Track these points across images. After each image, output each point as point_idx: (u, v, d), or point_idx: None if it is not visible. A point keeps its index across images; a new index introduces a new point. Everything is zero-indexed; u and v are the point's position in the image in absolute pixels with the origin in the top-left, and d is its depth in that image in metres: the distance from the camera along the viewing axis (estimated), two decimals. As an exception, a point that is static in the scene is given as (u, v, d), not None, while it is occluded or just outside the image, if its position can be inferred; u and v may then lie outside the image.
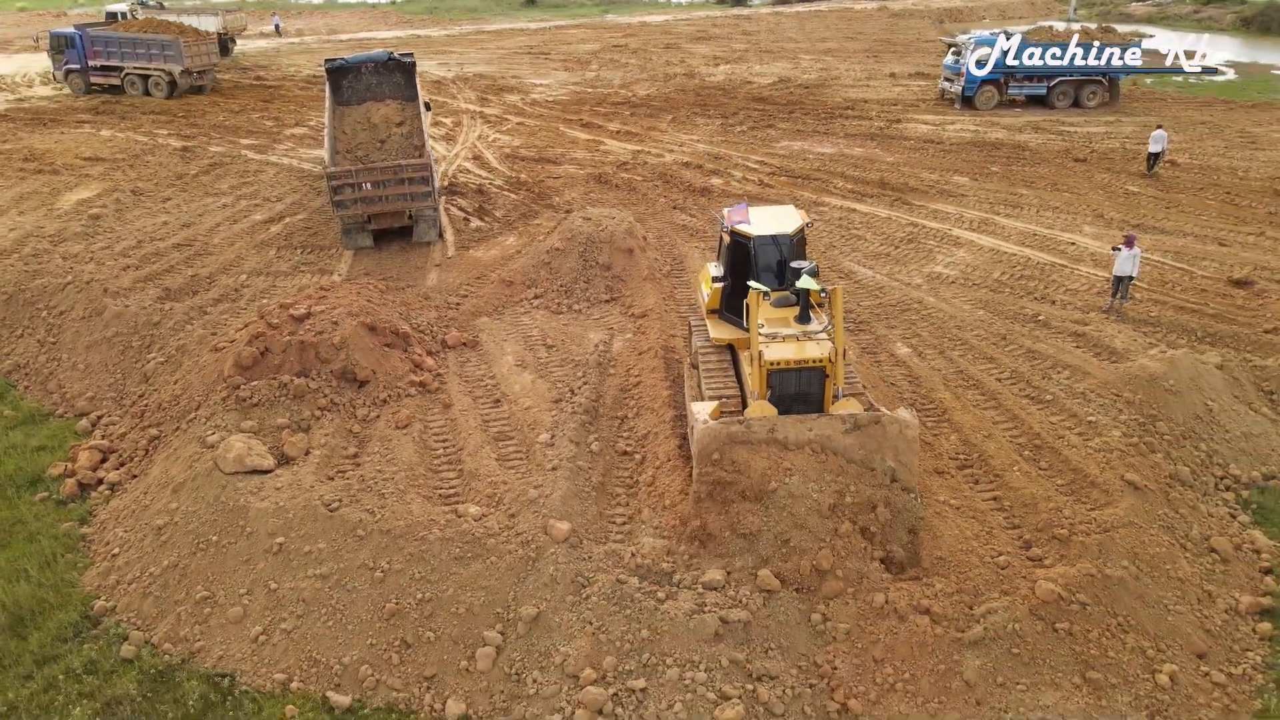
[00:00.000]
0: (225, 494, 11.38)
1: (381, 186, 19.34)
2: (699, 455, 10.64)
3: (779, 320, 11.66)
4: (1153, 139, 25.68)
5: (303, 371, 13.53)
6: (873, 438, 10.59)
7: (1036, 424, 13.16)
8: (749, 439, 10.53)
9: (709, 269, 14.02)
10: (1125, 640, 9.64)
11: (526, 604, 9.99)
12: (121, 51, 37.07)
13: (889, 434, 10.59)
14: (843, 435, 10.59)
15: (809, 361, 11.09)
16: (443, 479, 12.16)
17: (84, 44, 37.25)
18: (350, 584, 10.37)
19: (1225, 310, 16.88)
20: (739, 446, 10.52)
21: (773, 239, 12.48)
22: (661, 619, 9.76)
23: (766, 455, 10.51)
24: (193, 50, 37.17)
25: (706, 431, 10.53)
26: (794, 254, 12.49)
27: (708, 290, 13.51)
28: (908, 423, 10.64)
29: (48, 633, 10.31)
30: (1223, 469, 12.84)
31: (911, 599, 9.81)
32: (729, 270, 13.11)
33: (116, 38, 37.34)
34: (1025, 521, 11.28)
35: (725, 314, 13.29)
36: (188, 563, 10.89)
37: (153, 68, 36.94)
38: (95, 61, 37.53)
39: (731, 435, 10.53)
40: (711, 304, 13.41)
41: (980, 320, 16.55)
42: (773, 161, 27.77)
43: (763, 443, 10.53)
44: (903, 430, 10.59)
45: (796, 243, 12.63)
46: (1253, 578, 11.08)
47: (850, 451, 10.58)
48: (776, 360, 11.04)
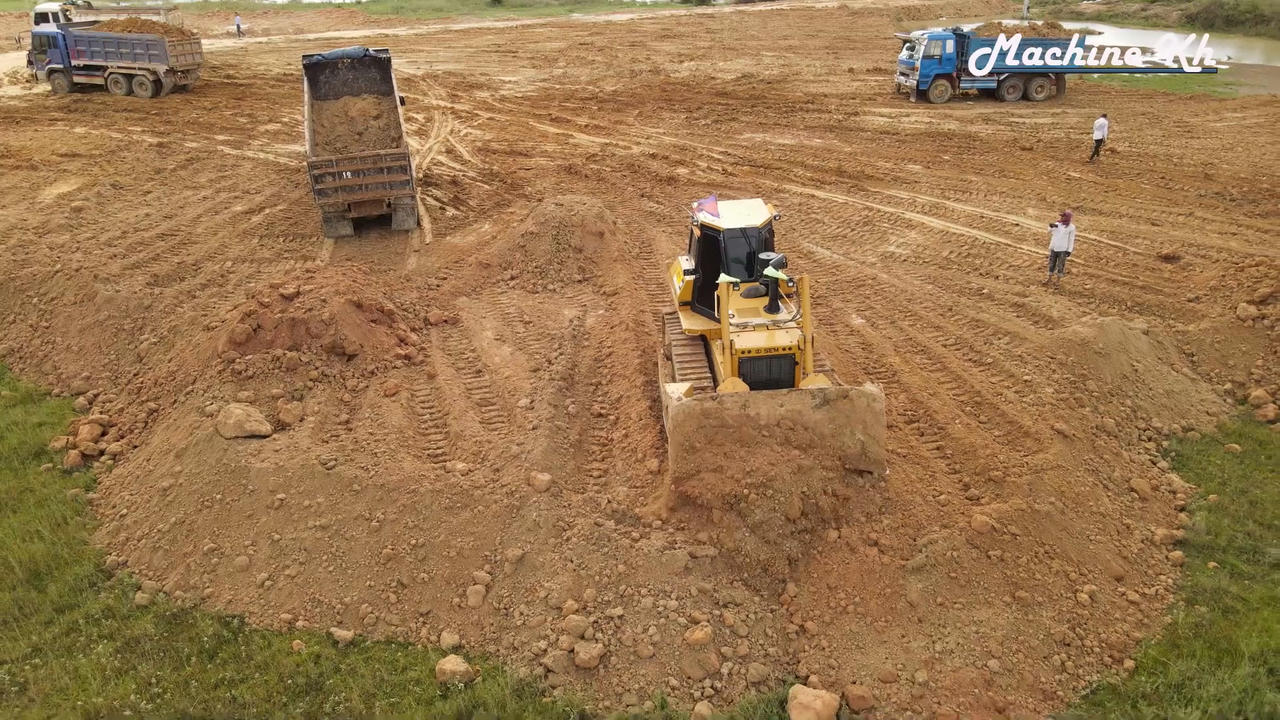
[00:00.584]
0: (227, 456, 12.17)
1: (361, 175, 20.14)
2: (674, 430, 10.92)
3: (749, 310, 12.10)
4: (1096, 126, 27.20)
5: (294, 346, 14.33)
6: (841, 412, 10.90)
7: (978, 383, 14.32)
8: (722, 415, 10.81)
9: (680, 262, 14.34)
10: (1051, 565, 10.77)
11: (512, 546, 10.92)
12: (105, 51, 37.11)
13: (857, 408, 10.92)
14: (812, 410, 10.89)
15: (779, 349, 11.57)
16: (430, 440, 13.04)
17: (67, 44, 37.23)
18: (348, 533, 11.23)
19: (1153, 283, 18.22)
20: (716, 431, 10.81)
21: (742, 232, 12.79)
22: (636, 555, 10.73)
23: (737, 458, 10.81)
24: (177, 49, 37.26)
25: (681, 408, 10.82)
26: (763, 246, 12.86)
27: (679, 283, 13.81)
28: (875, 396, 10.97)
29: (64, 584, 11.06)
30: (1146, 422, 14.08)
31: (862, 533, 10.88)
32: (700, 263, 13.38)
33: (100, 37, 37.29)
34: (965, 467, 12.41)
35: (697, 306, 13.53)
36: (194, 519, 11.67)
37: (137, 67, 37.05)
38: (78, 61, 37.53)
39: (705, 411, 10.79)
40: (684, 296, 13.67)
41: (929, 294, 17.74)
42: (736, 152, 28.90)
43: (735, 419, 10.82)
44: (870, 404, 10.92)
45: (765, 235, 12.99)
46: (1168, 514, 12.30)
47: (820, 426, 10.87)
48: (748, 348, 11.50)
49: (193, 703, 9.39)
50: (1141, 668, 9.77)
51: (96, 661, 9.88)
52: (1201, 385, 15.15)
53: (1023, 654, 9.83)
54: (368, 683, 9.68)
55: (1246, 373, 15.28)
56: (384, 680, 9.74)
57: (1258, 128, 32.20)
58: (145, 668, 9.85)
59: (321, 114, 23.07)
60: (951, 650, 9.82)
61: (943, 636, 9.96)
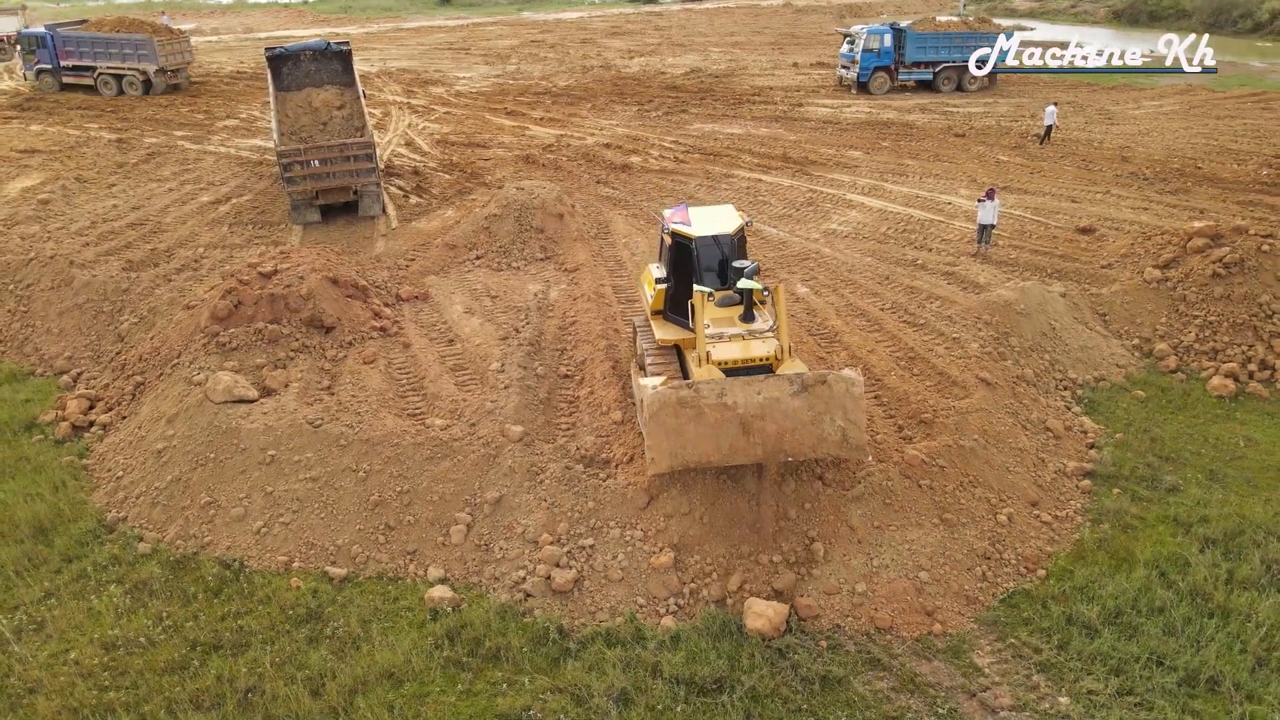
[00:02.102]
0: (218, 419, 13.00)
1: (329, 164, 20.91)
2: (649, 419, 10.70)
3: (724, 320, 11.96)
4: (1046, 113, 28.95)
5: (274, 320, 15.13)
6: (820, 398, 10.67)
7: (911, 341, 15.67)
8: (698, 403, 10.54)
9: (651, 270, 14.04)
10: (974, 492, 12.10)
11: (490, 490, 11.95)
12: (94, 51, 36.93)
13: (836, 393, 10.69)
14: (790, 397, 10.63)
15: (756, 359, 11.47)
16: (409, 401, 13.99)
17: (55, 44, 36.98)
18: (338, 483, 12.15)
19: (1071, 252, 19.81)
20: (692, 419, 10.62)
21: (714, 239, 12.61)
22: (604, 493, 11.83)
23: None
24: (167, 49, 37.16)
25: (656, 396, 10.55)
26: (735, 253, 12.72)
27: (651, 292, 13.49)
28: (854, 380, 10.76)
29: (69, 538, 11.81)
30: (1062, 373, 15.55)
31: (809, 469, 12.09)
32: (671, 271, 13.16)
33: (88, 38, 37.08)
34: (899, 412, 13.71)
35: (670, 315, 13.28)
36: (189, 477, 12.49)
37: (126, 67, 36.92)
38: (67, 61, 37.30)
39: (681, 399, 10.54)
40: (656, 305, 13.37)
41: (868, 266, 19.11)
42: (686, 141, 30.13)
43: (712, 407, 10.55)
44: (849, 388, 10.71)
45: (737, 242, 12.82)
46: (1080, 450, 13.73)
47: (799, 413, 10.62)
48: (724, 360, 11.36)
49: (203, 632, 10.27)
50: (1051, 575, 11.13)
51: (109, 601, 10.70)
52: (1112, 341, 16.67)
53: (949, 567, 11.13)
54: (364, 610, 10.64)
55: (1152, 329, 16.84)
56: (378, 609, 10.71)
57: (1172, 114, 34.37)
58: (155, 605, 10.69)
59: (285, 105, 23.75)
60: (887, 565, 11.08)
61: (879, 554, 11.21)
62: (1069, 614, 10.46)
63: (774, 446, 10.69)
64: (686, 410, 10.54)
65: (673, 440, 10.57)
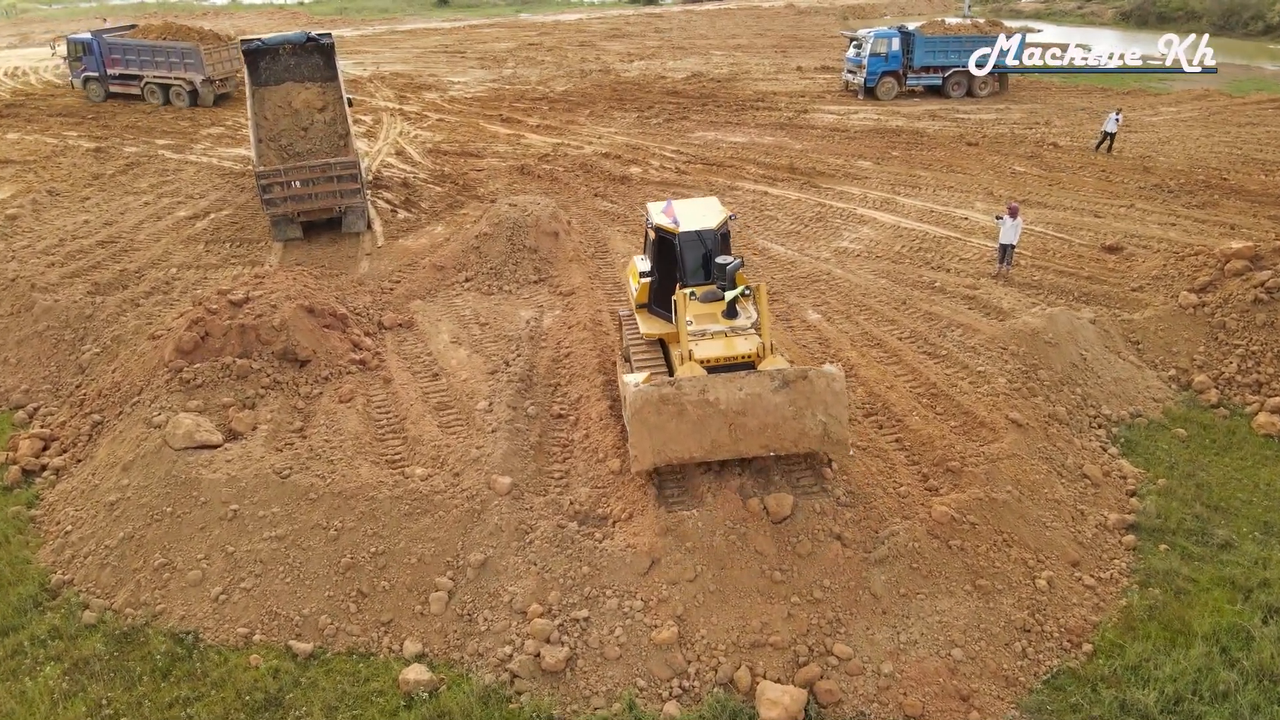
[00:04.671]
0: (177, 468, 11.83)
1: (311, 184, 19.71)
2: (632, 416, 10.77)
3: (707, 316, 12.03)
4: (1108, 120, 27.69)
5: (244, 353, 13.99)
6: (802, 394, 10.71)
7: (933, 375, 14.50)
8: (680, 399, 10.58)
9: (636, 263, 14.12)
10: (1009, 553, 10.94)
11: (474, 551, 10.78)
12: (140, 60, 35.60)
13: (817, 389, 10.74)
14: (772, 393, 10.67)
15: (739, 357, 11.49)
16: (388, 446, 12.83)
17: (101, 51, 35.61)
18: (305, 543, 10.98)
19: (1098, 273, 18.64)
20: (675, 415, 10.66)
21: (697, 235, 12.63)
22: (600, 556, 10.66)
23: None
24: (214, 58, 35.90)
25: (639, 394, 10.62)
26: (719, 248, 12.71)
27: (636, 285, 13.61)
28: (835, 376, 10.85)
29: (7, 605, 10.65)
30: (1095, 409, 14.38)
31: (825, 527, 10.93)
32: (656, 265, 13.25)
33: (134, 45, 35.72)
34: (923, 458, 12.55)
35: (654, 308, 13.35)
36: (143, 534, 11.32)
37: (173, 76, 35.64)
38: (114, 70, 35.99)
39: (664, 396, 10.60)
40: (640, 298, 13.48)
41: (883, 288, 17.93)
42: (688, 151, 28.96)
43: (694, 404, 10.59)
44: (830, 384, 10.77)
45: (721, 236, 12.80)
46: (1120, 499, 12.57)
47: (780, 410, 10.66)
48: (707, 358, 11.39)
49: (146, 724, 9.11)
50: (1099, 651, 9.97)
51: (44, 684, 9.54)
52: (1147, 372, 15.52)
53: (985, 641, 9.96)
54: (329, 696, 9.48)
55: (1189, 359, 15.69)
56: (346, 693, 9.55)
57: (1192, 121, 33.19)
58: (96, 689, 9.53)
59: (264, 103, 22.32)
60: (915, 640, 9.92)
61: (907, 627, 10.06)
62: (1122, 700, 9.30)
63: (756, 442, 10.79)
64: (669, 407, 10.64)
65: (656, 437, 10.67)
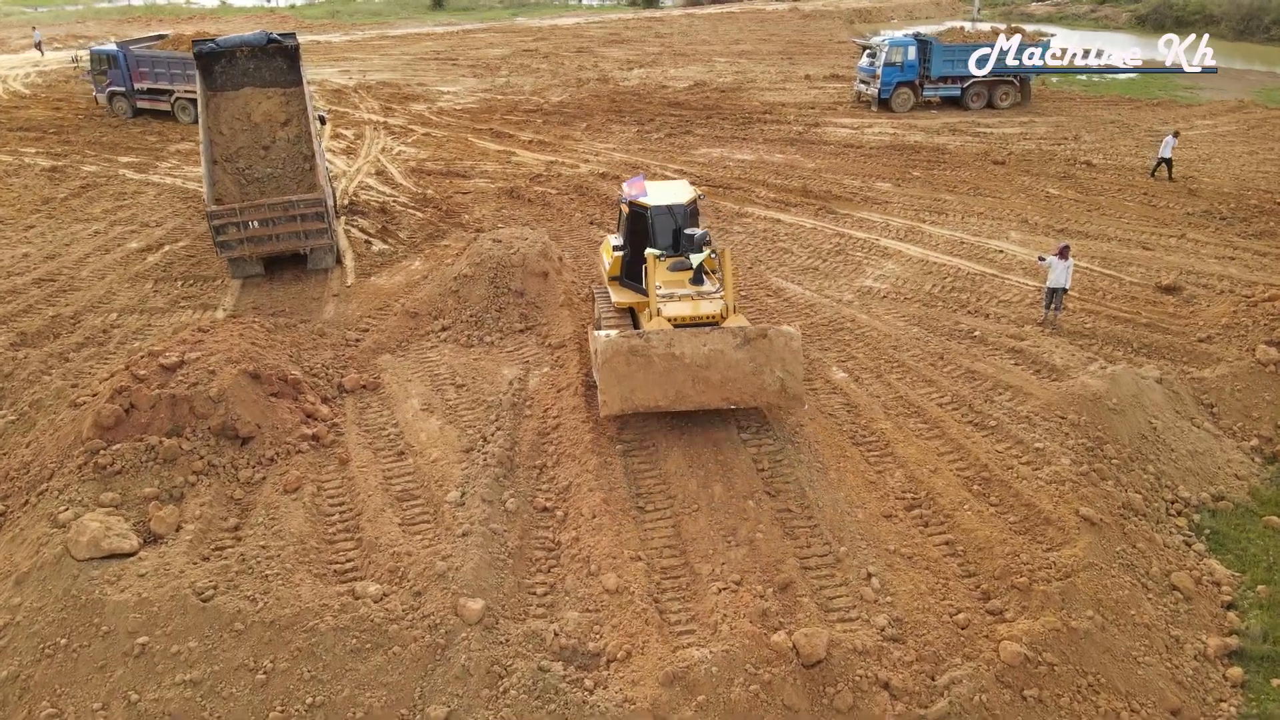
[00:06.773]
0: (78, 585, 9.72)
1: (271, 225, 17.47)
2: (602, 364, 11.59)
3: (675, 282, 13.14)
4: (1164, 145, 25.16)
5: (175, 430, 11.88)
6: (761, 350, 11.76)
7: (983, 454, 12.39)
8: (648, 351, 11.51)
9: (609, 240, 15.29)
10: (1098, 703, 8.85)
11: (434, 703, 8.68)
12: (170, 74, 32.81)
13: (775, 346, 11.79)
14: (734, 350, 11.69)
15: (704, 317, 12.53)
16: (338, 551, 10.71)
17: (128, 64, 33.00)
18: (226, 690, 8.86)
19: (1157, 319, 16.52)
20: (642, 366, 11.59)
21: (668, 209, 13.80)
22: (590, 713, 8.56)
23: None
24: None
25: (609, 343, 11.52)
26: (688, 221, 13.93)
27: (609, 259, 14.70)
28: (792, 335, 11.96)
29: None
30: (1172, 492, 12.30)
31: (869, 672, 8.83)
32: (628, 240, 14.34)
33: (164, 58, 32.98)
34: (981, 568, 10.44)
35: (626, 280, 14.43)
36: (30, 673, 9.20)
37: None
38: (141, 84, 33.32)
39: (632, 348, 11.53)
40: (613, 271, 14.57)
41: (915, 338, 15.81)
42: (692, 170, 26.82)
43: (661, 356, 11.51)
44: (788, 342, 11.86)
45: (690, 211, 14.02)
46: (1216, 614, 10.47)
47: (741, 365, 11.68)
48: (674, 316, 12.47)
49: None
50: (1221, 843, 7.87)
51: None
52: (1226, 442, 13.45)
53: (1078, 830, 7.87)
54: None
55: (1273, 425, 13.64)
56: None
57: (1231, 136, 31.04)
58: None
59: (220, 112, 19.64)
60: (990, 834, 7.82)
61: (977, 814, 7.96)
62: None
63: (718, 394, 11.72)
64: (637, 358, 11.54)
65: (624, 385, 11.53)
